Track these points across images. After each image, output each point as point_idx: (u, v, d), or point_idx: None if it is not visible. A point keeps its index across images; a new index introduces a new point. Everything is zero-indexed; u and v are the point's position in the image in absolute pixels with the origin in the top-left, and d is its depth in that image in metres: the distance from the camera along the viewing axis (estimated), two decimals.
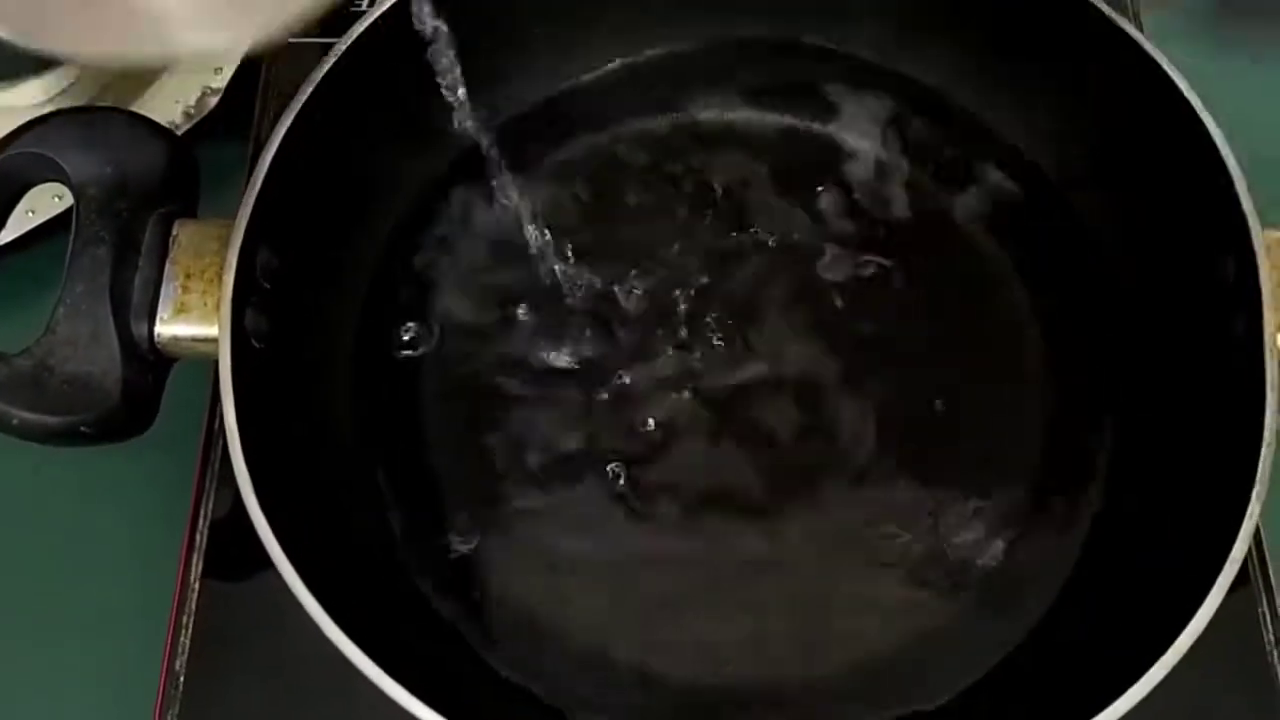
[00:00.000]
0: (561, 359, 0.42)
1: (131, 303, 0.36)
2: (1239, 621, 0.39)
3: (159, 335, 0.36)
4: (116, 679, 0.40)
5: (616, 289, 0.42)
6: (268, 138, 0.38)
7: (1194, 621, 0.31)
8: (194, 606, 0.39)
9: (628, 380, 0.41)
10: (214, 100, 0.48)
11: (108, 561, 0.43)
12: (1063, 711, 0.32)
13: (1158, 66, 0.39)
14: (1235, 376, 0.35)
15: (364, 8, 0.49)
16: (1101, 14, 0.40)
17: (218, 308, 0.36)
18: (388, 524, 0.40)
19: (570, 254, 0.42)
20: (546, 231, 0.42)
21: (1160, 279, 0.41)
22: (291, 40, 0.48)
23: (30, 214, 0.47)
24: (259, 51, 0.45)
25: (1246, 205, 0.36)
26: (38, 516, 0.44)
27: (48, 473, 0.44)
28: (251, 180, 0.37)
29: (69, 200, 0.46)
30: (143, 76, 0.49)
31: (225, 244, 0.36)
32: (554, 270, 0.42)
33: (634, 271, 0.43)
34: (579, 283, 0.42)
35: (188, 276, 0.36)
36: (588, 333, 0.42)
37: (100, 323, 0.35)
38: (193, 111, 0.48)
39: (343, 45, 0.39)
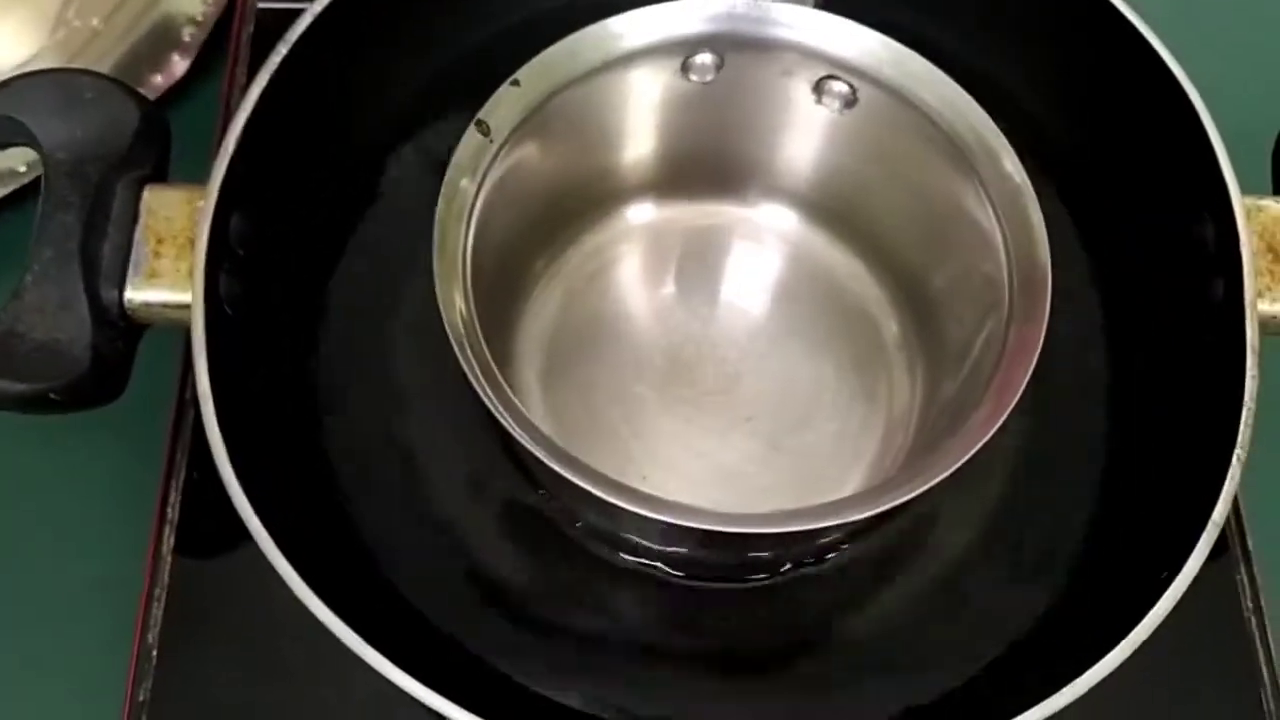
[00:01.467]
0: None
1: (101, 268, 0.35)
2: (1218, 588, 0.39)
3: (129, 301, 0.35)
4: (89, 653, 0.40)
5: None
6: (239, 102, 0.37)
7: (1175, 584, 0.32)
8: (166, 579, 0.39)
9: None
10: None
11: (77, 535, 0.42)
12: (1041, 677, 0.32)
13: (1135, 30, 0.39)
14: (1216, 340, 0.35)
15: None
16: None
17: (190, 274, 0.35)
18: (365, 490, 0.39)
19: None
20: None
21: (1139, 244, 0.41)
22: (260, 5, 0.49)
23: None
24: None
25: (1226, 169, 0.36)
26: (4, 490, 0.43)
27: (14, 445, 0.44)
28: (224, 145, 0.36)
29: (33, 172, 0.46)
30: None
31: (197, 209, 0.36)
32: None
33: None
34: None
35: (159, 242, 0.36)
36: None
37: (69, 288, 0.34)
38: None
39: (316, 8, 0.39)
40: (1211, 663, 0.39)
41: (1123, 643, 0.31)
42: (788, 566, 0.38)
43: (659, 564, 0.38)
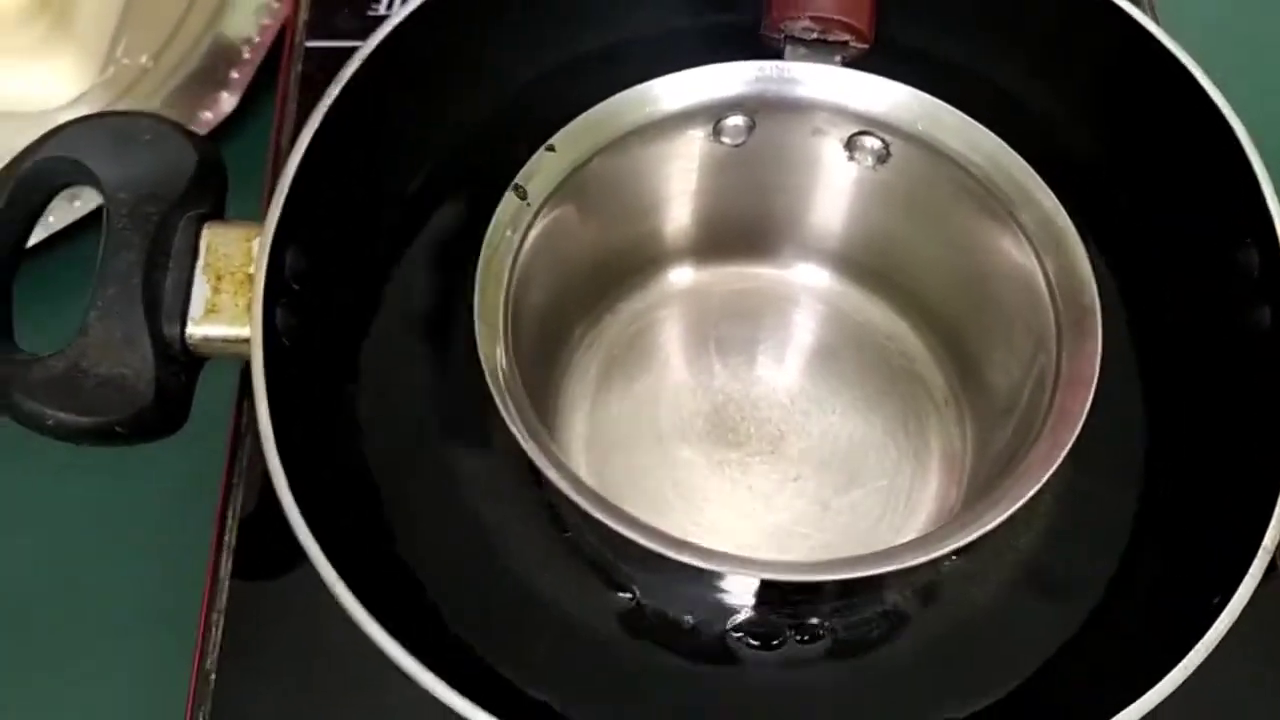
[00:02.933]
0: None
1: (163, 305, 0.36)
2: (1267, 610, 0.39)
3: (190, 336, 0.36)
4: (148, 679, 0.41)
5: None
6: (292, 140, 0.38)
7: (1227, 610, 0.32)
8: (224, 604, 0.39)
9: None
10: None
11: (136, 563, 0.43)
12: (1096, 706, 0.32)
13: (1173, 58, 0.39)
14: (1263, 368, 0.35)
15: (382, 11, 0.50)
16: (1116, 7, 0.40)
17: (248, 308, 0.36)
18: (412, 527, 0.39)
19: None
20: None
21: (1178, 273, 0.41)
22: (308, 44, 0.50)
23: (50, 219, 0.47)
24: None
25: (1270, 197, 0.36)
26: (64, 517, 0.44)
27: (74, 474, 0.45)
28: (279, 183, 0.37)
29: (88, 205, 0.47)
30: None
31: (254, 245, 0.37)
32: None
33: None
34: None
35: (218, 278, 0.37)
36: None
37: (132, 324, 0.35)
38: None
39: (367, 49, 0.39)
40: (1262, 683, 0.38)
41: (1177, 668, 0.31)
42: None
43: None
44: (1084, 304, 0.36)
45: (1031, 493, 0.32)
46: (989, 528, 0.32)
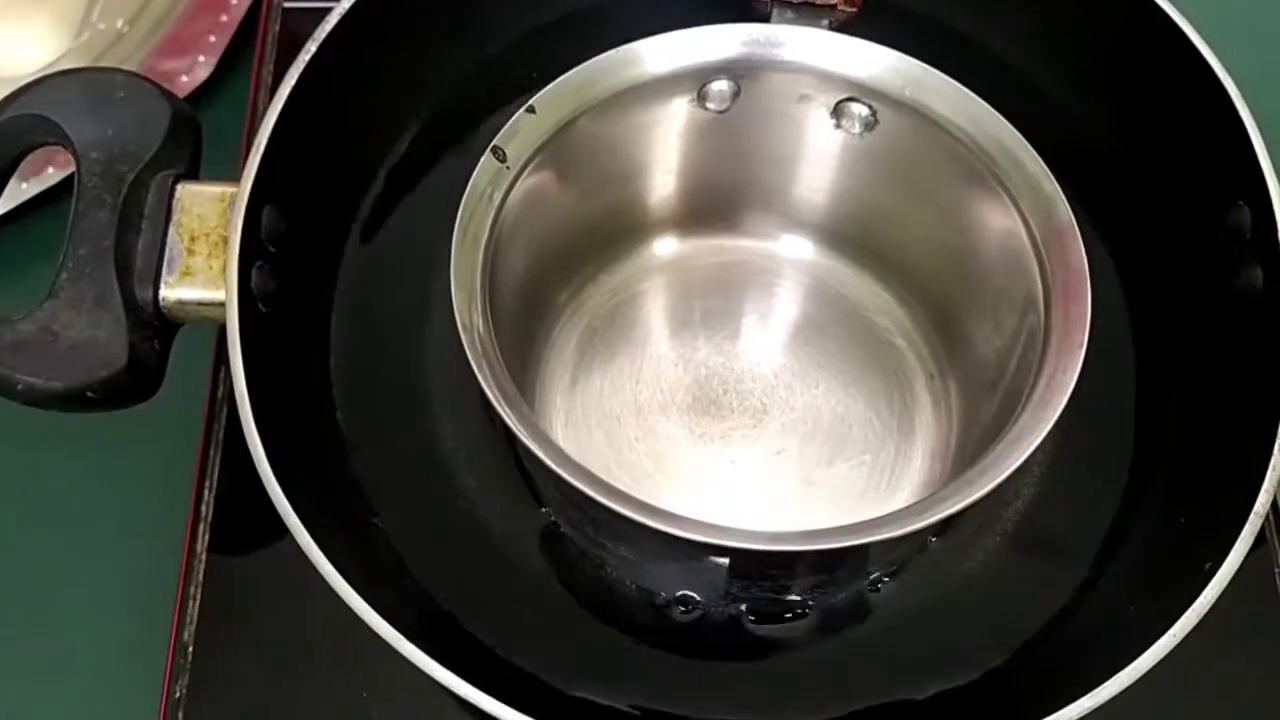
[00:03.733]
0: None
1: (135, 266, 0.35)
2: (1255, 580, 0.39)
3: (164, 299, 0.35)
4: (125, 652, 0.40)
5: None
6: (268, 101, 0.37)
7: (1219, 574, 0.31)
8: (201, 578, 0.39)
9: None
10: None
11: (111, 536, 0.43)
12: (1088, 669, 0.32)
13: (1169, 20, 0.39)
14: (1256, 331, 0.35)
15: None
16: None
17: (223, 271, 0.35)
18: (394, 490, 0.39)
19: None
20: None
21: (1174, 234, 0.40)
22: (286, 4, 0.49)
23: (23, 186, 0.47)
24: None
25: (1263, 157, 0.36)
26: (38, 489, 0.43)
27: (47, 444, 0.44)
28: (255, 142, 0.36)
29: (62, 172, 0.46)
30: None
31: (229, 207, 0.36)
32: None
33: None
34: None
35: (192, 239, 0.36)
36: None
37: (104, 286, 0.34)
38: None
39: (345, 5, 0.39)
40: (1250, 653, 0.38)
41: (1168, 633, 0.31)
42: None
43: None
44: (1072, 266, 0.35)
45: (1021, 460, 0.32)
46: (978, 495, 0.32)
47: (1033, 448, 0.32)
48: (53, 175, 0.47)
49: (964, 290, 0.40)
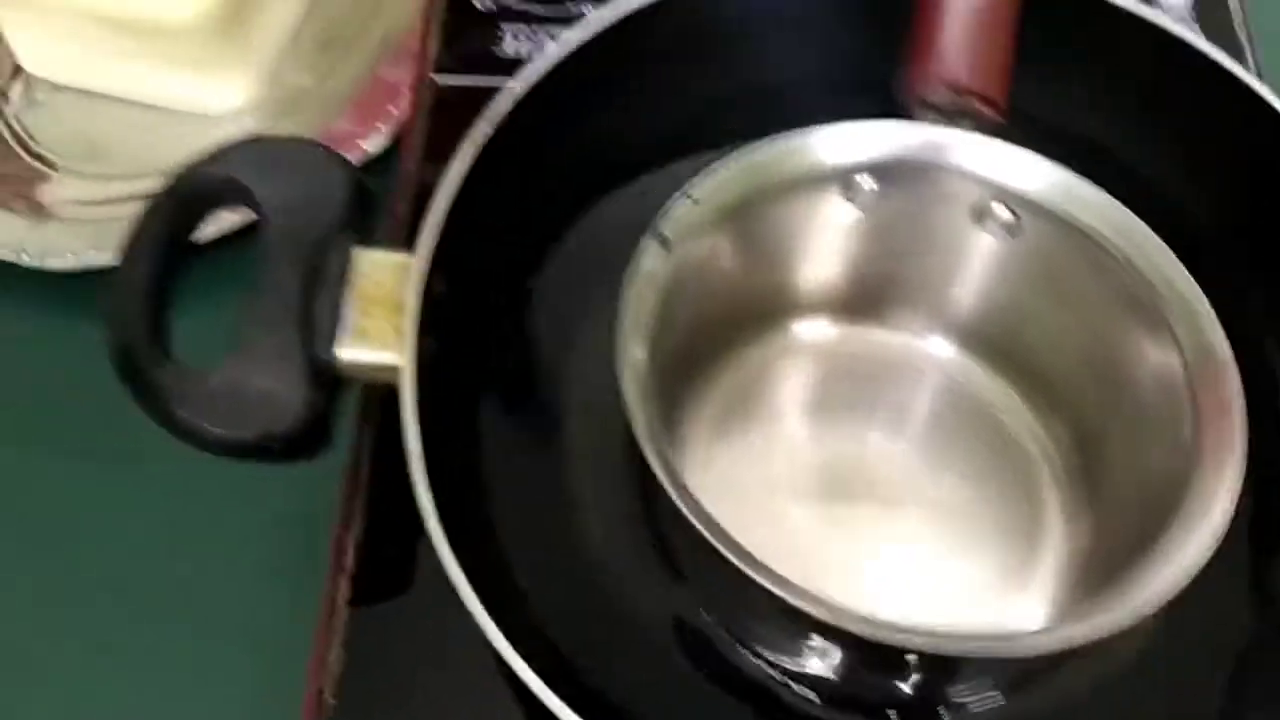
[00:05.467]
0: None
1: (316, 326, 0.36)
2: None
3: (340, 359, 0.37)
4: (265, 703, 0.41)
5: None
6: (418, 166, 0.39)
7: None
8: (342, 630, 0.39)
9: None
10: None
11: (248, 585, 0.43)
12: None
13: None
14: None
15: (507, 43, 0.51)
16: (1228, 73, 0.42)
17: (397, 334, 0.37)
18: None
19: None
20: None
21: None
22: (439, 82, 0.50)
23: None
24: None
25: None
26: (179, 540, 0.45)
27: (179, 492, 0.45)
28: (432, 214, 0.38)
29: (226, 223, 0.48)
30: None
31: (404, 273, 0.37)
32: None
33: None
34: None
35: (368, 303, 0.37)
36: None
37: (288, 344, 0.36)
38: None
39: (518, 89, 0.40)
40: None
41: None
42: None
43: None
44: (1223, 393, 0.36)
45: (1182, 585, 0.32)
46: (1141, 615, 0.32)
47: (1191, 575, 0.33)
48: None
49: (1104, 404, 0.40)
